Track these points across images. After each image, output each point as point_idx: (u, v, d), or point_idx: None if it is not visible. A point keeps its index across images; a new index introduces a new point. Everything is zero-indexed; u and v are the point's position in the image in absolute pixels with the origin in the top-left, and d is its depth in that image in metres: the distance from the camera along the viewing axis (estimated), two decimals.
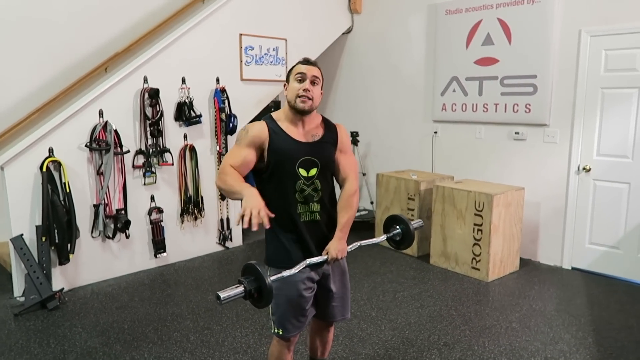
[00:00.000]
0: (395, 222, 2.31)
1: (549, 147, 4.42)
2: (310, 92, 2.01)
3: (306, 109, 2.02)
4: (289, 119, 2.07)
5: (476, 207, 4.11)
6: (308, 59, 2.09)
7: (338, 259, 2.07)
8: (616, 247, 4.12)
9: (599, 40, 4.04)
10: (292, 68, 2.09)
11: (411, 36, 5.36)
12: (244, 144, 2.01)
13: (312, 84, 2.02)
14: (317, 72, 2.05)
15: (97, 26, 4.72)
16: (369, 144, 5.95)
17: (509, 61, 4.53)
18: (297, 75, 2.03)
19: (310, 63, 2.06)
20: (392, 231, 2.30)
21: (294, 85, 2.03)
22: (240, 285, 1.72)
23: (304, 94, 2.00)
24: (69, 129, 3.80)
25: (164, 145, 4.31)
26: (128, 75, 4.07)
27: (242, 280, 1.74)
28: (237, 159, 2.00)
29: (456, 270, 4.31)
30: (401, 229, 2.28)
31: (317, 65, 2.08)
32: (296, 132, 2.06)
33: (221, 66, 4.65)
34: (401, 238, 2.29)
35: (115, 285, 4.01)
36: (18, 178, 3.60)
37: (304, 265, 1.96)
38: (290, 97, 2.03)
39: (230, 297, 1.68)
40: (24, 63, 4.41)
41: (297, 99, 2.01)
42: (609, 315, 3.46)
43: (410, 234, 2.25)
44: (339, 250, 2.06)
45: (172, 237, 4.49)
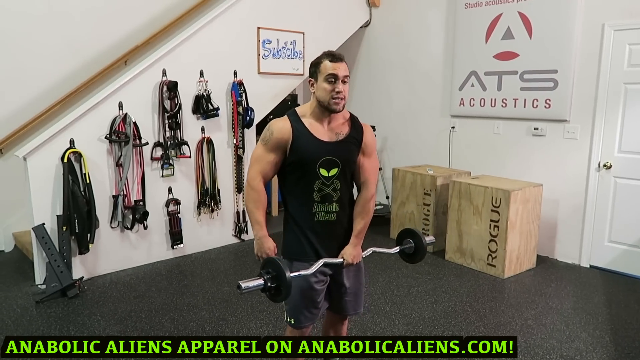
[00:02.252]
0: (408, 235, 2.31)
1: (569, 143, 4.35)
2: (343, 92, 1.97)
3: (340, 109, 2.00)
4: (314, 116, 2.03)
5: (493, 203, 4.07)
6: (334, 53, 2.01)
7: (353, 264, 2.10)
8: (636, 246, 4.05)
9: (623, 34, 3.95)
10: (318, 63, 2.00)
11: (430, 30, 5.31)
12: (269, 146, 2.02)
13: (343, 83, 1.98)
14: (346, 69, 1.99)
15: (117, 19, 4.79)
16: (386, 138, 5.93)
17: (529, 55, 4.46)
18: (329, 77, 1.96)
19: (338, 59, 1.98)
20: (405, 244, 2.31)
21: (326, 86, 1.96)
22: (261, 277, 1.77)
23: (337, 96, 1.96)
24: (89, 120, 3.86)
25: (181, 138, 4.35)
26: (147, 68, 4.12)
27: (262, 273, 1.78)
28: (266, 165, 2.03)
29: (472, 267, 4.29)
30: (414, 243, 2.28)
31: (344, 59, 2.01)
32: (320, 130, 2.03)
33: (239, 59, 4.67)
34: (413, 252, 2.29)
35: (133, 275, 4.08)
36: (40, 168, 3.68)
37: (321, 264, 1.99)
38: (323, 98, 1.98)
39: (250, 288, 1.74)
40: (46, 56, 4.50)
41: (332, 100, 1.96)
42: (627, 315, 3.41)
43: (423, 248, 2.25)
44: (354, 256, 2.10)
45: (189, 228, 4.55)
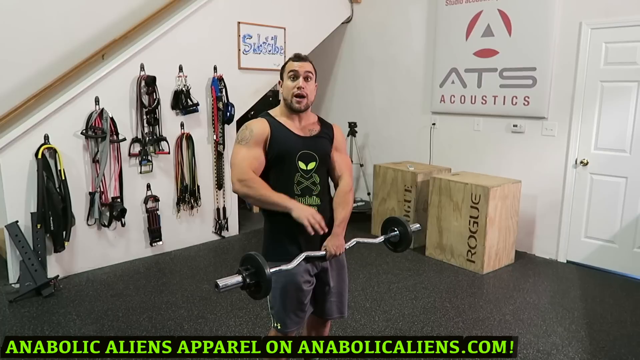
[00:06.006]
0: (393, 224, 2.30)
1: (546, 140, 4.40)
2: (305, 89, 2.02)
3: (302, 108, 2.04)
4: (285, 115, 2.09)
5: (472, 200, 4.10)
6: (299, 54, 2.09)
7: (336, 255, 2.07)
8: (612, 241, 4.13)
9: (600, 32, 4.01)
10: (284, 65, 2.09)
11: (411, 27, 5.32)
12: (252, 143, 2.00)
13: (305, 80, 2.03)
14: (309, 67, 2.05)
15: (94, 12, 4.67)
16: (367, 134, 5.93)
17: (508, 53, 4.49)
18: (290, 73, 2.03)
19: (301, 59, 2.06)
20: (389, 233, 2.30)
21: (288, 83, 2.04)
22: (239, 274, 1.72)
23: (299, 92, 2.01)
24: (64, 116, 3.78)
25: (160, 134, 4.29)
26: (125, 62, 4.05)
27: (241, 270, 1.74)
28: (254, 161, 1.99)
29: (451, 263, 4.32)
30: (399, 232, 2.28)
31: (308, 59, 2.08)
32: (295, 127, 2.08)
33: (219, 54, 4.62)
34: (398, 240, 2.29)
35: (110, 273, 4.02)
36: (13, 165, 3.59)
37: (302, 257, 1.94)
38: (286, 95, 2.05)
39: (228, 286, 1.69)
40: (21, 49, 4.37)
41: (293, 98, 2.02)
42: (602, 309, 3.47)
43: (408, 236, 2.25)
44: (337, 247, 2.06)
45: (168, 225, 4.49)
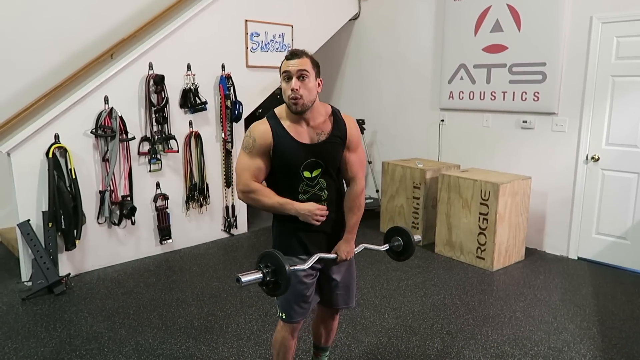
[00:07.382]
0: (397, 234, 2.31)
1: (557, 136, 4.36)
2: (299, 90, 1.89)
3: (299, 109, 1.92)
4: (290, 117, 1.98)
5: (482, 196, 4.08)
6: (294, 50, 1.95)
7: (346, 259, 2.11)
8: (623, 238, 4.08)
9: (611, 27, 3.96)
10: (280, 64, 1.97)
11: (419, 23, 5.29)
12: (254, 152, 1.97)
13: (300, 79, 1.90)
14: (304, 64, 1.91)
15: (103, 12, 4.71)
16: (375, 132, 5.91)
17: (517, 48, 4.46)
18: (284, 74, 1.93)
19: (295, 56, 1.92)
20: (393, 242, 2.31)
21: (283, 85, 1.94)
22: (259, 271, 1.76)
23: (293, 95, 1.89)
24: (74, 115, 3.80)
25: (169, 132, 4.31)
26: (133, 61, 4.06)
27: (261, 266, 1.77)
28: (256, 170, 1.98)
29: (461, 260, 4.30)
30: (403, 241, 2.29)
31: (304, 55, 1.93)
32: (301, 132, 1.98)
33: (226, 53, 4.62)
34: (402, 250, 2.30)
35: (121, 271, 4.05)
36: (24, 164, 3.62)
37: (316, 259, 1.99)
38: (285, 99, 1.95)
39: (250, 281, 1.74)
40: (31, 49, 4.42)
41: (290, 100, 1.91)
42: (614, 306, 3.44)
43: (412, 246, 2.26)
44: (348, 252, 2.10)
45: (177, 223, 4.51)
